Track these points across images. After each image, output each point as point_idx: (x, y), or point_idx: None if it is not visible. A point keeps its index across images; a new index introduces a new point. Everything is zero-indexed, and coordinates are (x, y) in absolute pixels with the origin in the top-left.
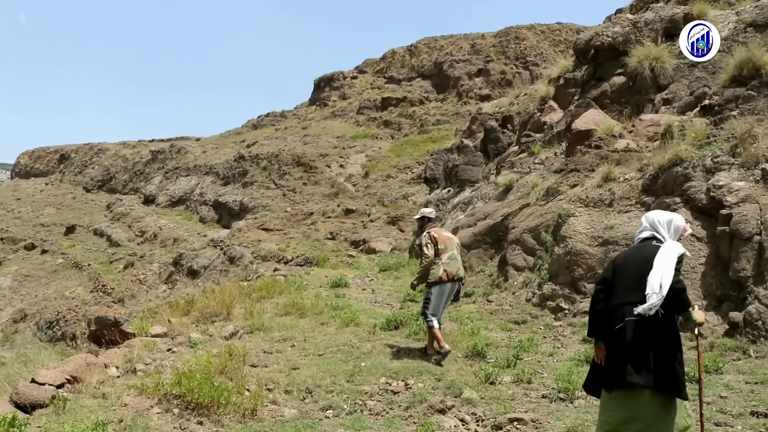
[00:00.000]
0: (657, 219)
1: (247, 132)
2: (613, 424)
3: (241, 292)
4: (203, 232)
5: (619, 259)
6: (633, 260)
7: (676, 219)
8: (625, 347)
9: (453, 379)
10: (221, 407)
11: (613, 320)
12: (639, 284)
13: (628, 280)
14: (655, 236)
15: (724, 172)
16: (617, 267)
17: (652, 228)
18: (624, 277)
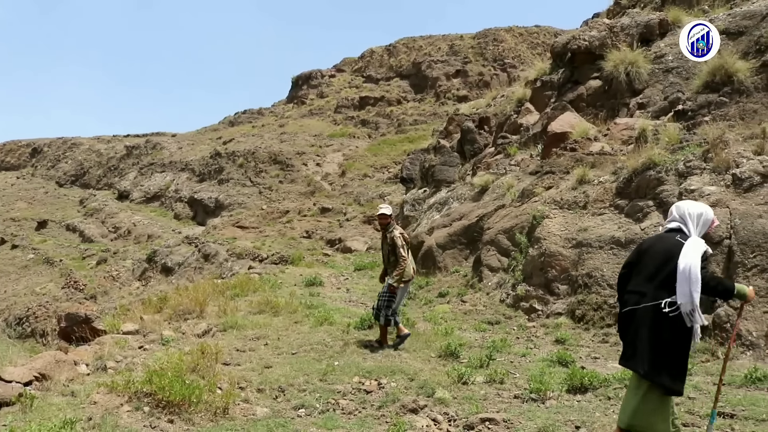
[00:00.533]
0: (688, 211)
1: (224, 129)
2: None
3: (215, 289)
4: (178, 228)
5: (644, 246)
6: (655, 250)
7: (706, 212)
8: (626, 333)
9: (426, 379)
10: (192, 406)
11: (624, 304)
12: (653, 277)
13: (645, 271)
14: (681, 228)
15: (696, 177)
16: (641, 253)
17: (681, 220)
18: (643, 265)
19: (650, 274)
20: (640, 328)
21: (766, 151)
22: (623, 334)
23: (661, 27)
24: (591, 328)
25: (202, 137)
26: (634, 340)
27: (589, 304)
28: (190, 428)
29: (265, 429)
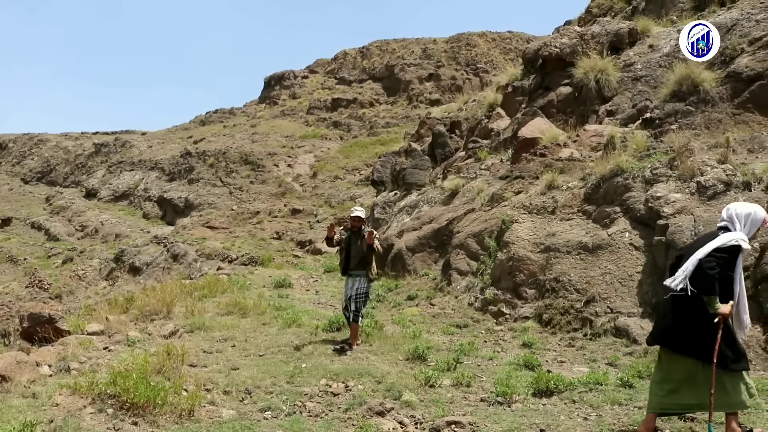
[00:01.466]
0: (736, 212)
1: (195, 128)
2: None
3: (183, 290)
4: (146, 228)
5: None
6: (695, 244)
7: (756, 212)
8: (661, 317)
9: (393, 382)
10: (157, 407)
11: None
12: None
13: (683, 262)
14: (727, 227)
15: (662, 184)
16: (686, 249)
17: (728, 220)
18: (683, 258)
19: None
20: (670, 312)
21: (730, 160)
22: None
23: (631, 36)
24: (558, 332)
25: (173, 136)
26: (667, 323)
27: (557, 309)
28: (154, 430)
29: (230, 431)
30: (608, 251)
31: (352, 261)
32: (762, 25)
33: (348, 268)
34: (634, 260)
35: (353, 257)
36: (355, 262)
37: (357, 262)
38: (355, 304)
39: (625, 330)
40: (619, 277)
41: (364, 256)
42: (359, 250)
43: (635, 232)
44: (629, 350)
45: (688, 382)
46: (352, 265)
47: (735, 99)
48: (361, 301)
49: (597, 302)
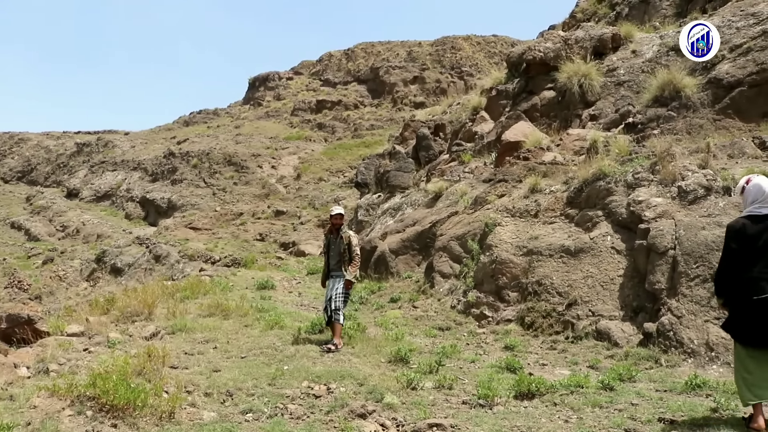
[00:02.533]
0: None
1: (179, 128)
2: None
3: (165, 291)
4: (129, 229)
5: (747, 233)
6: (765, 237)
7: None
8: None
9: (375, 384)
10: (137, 409)
11: (753, 290)
12: None
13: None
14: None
15: (643, 188)
16: (747, 240)
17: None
18: (759, 252)
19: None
20: None
21: (711, 165)
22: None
23: (614, 41)
24: (540, 335)
25: (156, 136)
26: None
27: (539, 312)
28: None
29: None
30: (590, 255)
31: (331, 261)
32: (742, 32)
33: (328, 269)
34: (615, 264)
35: (332, 257)
36: (334, 261)
37: (336, 261)
38: (335, 304)
39: (607, 333)
40: (600, 280)
41: (341, 255)
42: (338, 250)
43: (617, 236)
44: (610, 353)
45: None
46: (332, 265)
47: (716, 105)
48: (340, 300)
49: (579, 305)
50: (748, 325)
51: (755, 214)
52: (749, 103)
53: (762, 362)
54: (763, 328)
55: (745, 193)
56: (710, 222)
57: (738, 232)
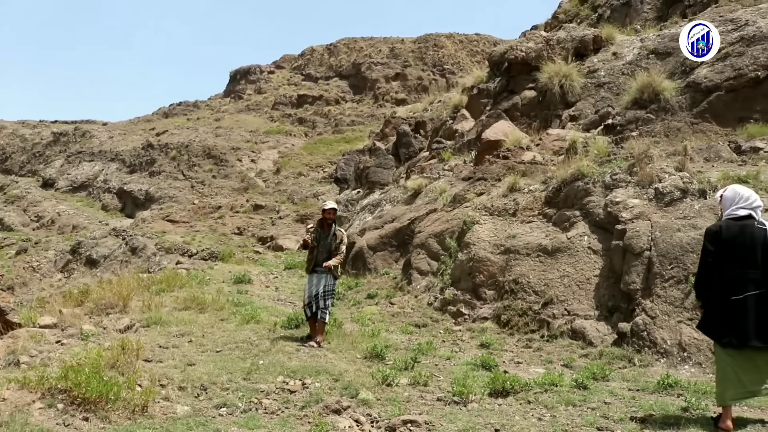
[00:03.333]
0: (757, 204)
1: (158, 120)
2: (737, 371)
3: (140, 284)
4: (105, 220)
5: (724, 235)
6: (743, 239)
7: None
8: (747, 316)
9: (350, 380)
10: (110, 403)
11: (732, 290)
12: (756, 263)
13: (744, 257)
14: (752, 215)
15: (621, 189)
16: (725, 242)
17: (752, 209)
18: (736, 253)
19: (751, 262)
20: (759, 309)
21: (687, 168)
22: (743, 317)
23: (595, 43)
24: (515, 333)
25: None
26: (756, 321)
27: (515, 310)
28: (106, 426)
29: (184, 428)
30: (567, 254)
31: (319, 256)
32: (721, 37)
33: (315, 264)
34: (592, 264)
35: (320, 252)
36: (322, 257)
37: (324, 258)
38: (324, 301)
39: (582, 332)
40: (577, 280)
41: (330, 252)
42: (327, 246)
43: (594, 236)
44: (585, 352)
45: (753, 370)
46: (319, 260)
47: (694, 108)
48: (329, 297)
49: (555, 304)
50: (727, 326)
51: (733, 216)
52: (726, 108)
53: (740, 363)
54: (742, 328)
55: (723, 200)
56: (686, 224)
57: (716, 234)
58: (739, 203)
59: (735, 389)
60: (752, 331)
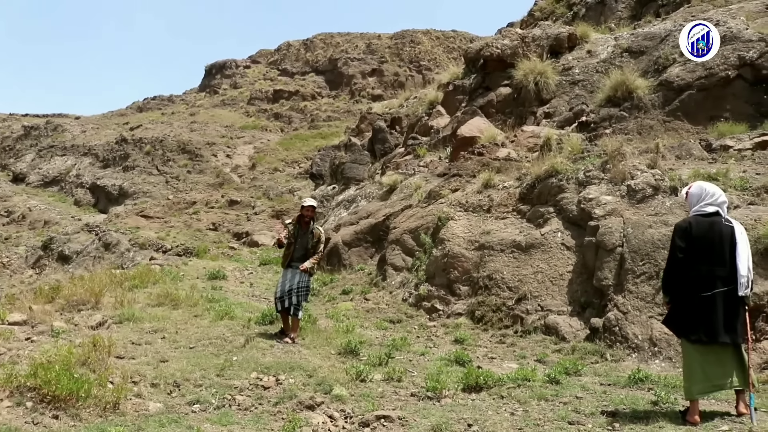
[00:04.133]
0: (723, 201)
1: (132, 114)
2: (704, 366)
3: (113, 280)
4: (78, 215)
5: (693, 231)
6: (711, 235)
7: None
8: (716, 312)
9: (324, 376)
10: (80, 400)
11: (701, 286)
12: (724, 260)
13: (713, 254)
14: (719, 212)
15: (594, 186)
16: (695, 239)
17: (719, 205)
18: (705, 249)
19: (719, 259)
20: (727, 305)
21: (659, 166)
22: (712, 313)
23: (570, 41)
24: (489, 328)
25: (108, 122)
26: (724, 318)
27: (489, 306)
28: (76, 424)
29: (156, 425)
30: (541, 250)
31: (296, 253)
32: None
33: (291, 260)
34: (565, 260)
35: (297, 249)
36: (299, 254)
37: (301, 255)
38: (297, 297)
39: (555, 328)
40: (550, 276)
41: (308, 250)
42: (304, 244)
43: (567, 233)
44: (558, 347)
45: (718, 365)
46: (296, 257)
47: (666, 107)
48: (303, 294)
49: (528, 300)
50: (696, 322)
51: (701, 213)
52: (697, 107)
53: (707, 358)
54: (711, 324)
55: (689, 197)
56: (657, 221)
57: (685, 231)
58: (706, 200)
59: (702, 384)
60: (721, 328)
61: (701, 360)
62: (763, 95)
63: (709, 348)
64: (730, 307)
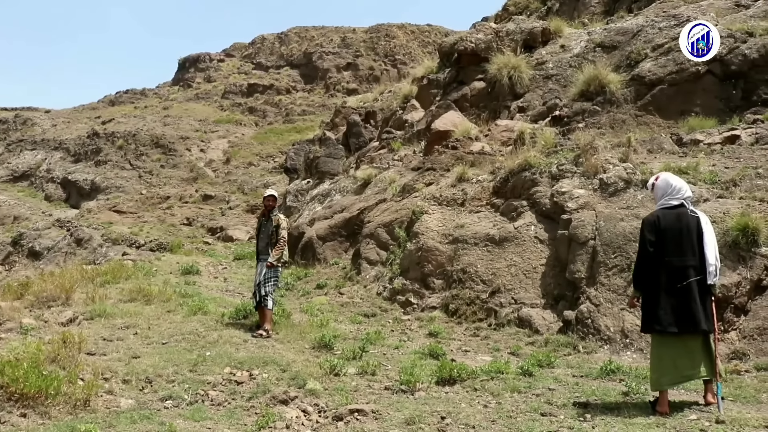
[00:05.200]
0: (688, 195)
1: (104, 108)
2: (673, 357)
3: (84, 276)
4: (49, 211)
5: (661, 224)
6: (679, 226)
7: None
8: (692, 302)
9: (298, 370)
10: (50, 398)
11: (675, 278)
12: (693, 250)
13: (683, 245)
14: (683, 204)
15: (567, 180)
16: (663, 231)
17: (685, 198)
18: (675, 241)
19: (690, 249)
20: (700, 294)
21: (631, 159)
22: (688, 303)
23: (544, 35)
24: (463, 321)
25: (80, 115)
26: (700, 307)
27: (463, 299)
28: (45, 422)
29: (128, 421)
30: (514, 244)
31: (260, 243)
32: (664, 32)
33: (257, 252)
34: (538, 253)
35: (261, 239)
36: (262, 244)
37: (264, 244)
38: (264, 289)
39: (528, 320)
40: (523, 269)
41: (270, 237)
42: (267, 233)
43: (540, 226)
44: (531, 340)
45: (687, 356)
46: (260, 248)
47: (638, 101)
48: (269, 285)
49: (502, 293)
50: (671, 313)
51: (667, 206)
52: (669, 101)
53: (677, 349)
54: (689, 313)
55: (655, 189)
56: (629, 214)
57: (654, 224)
58: (672, 194)
59: (671, 375)
60: (700, 316)
61: (671, 352)
62: (732, 90)
63: (680, 339)
64: (703, 297)
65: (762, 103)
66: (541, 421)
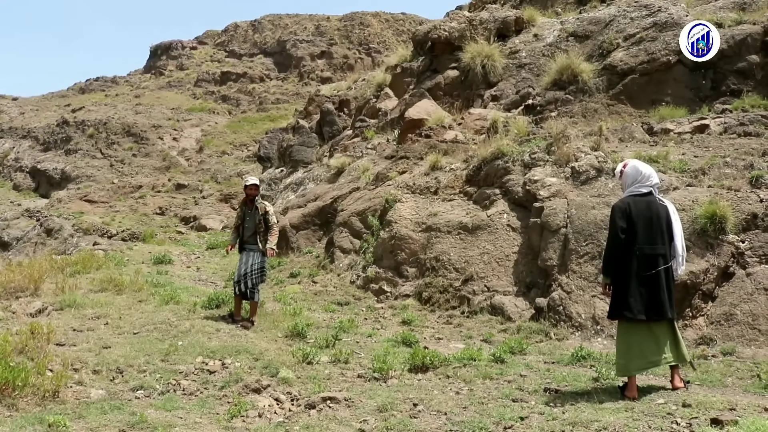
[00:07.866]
0: (656, 182)
1: (74, 96)
2: (641, 343)
3: (53, 266)
4: (17, 200)
5: (632, 212)
6: (649, 214)
7: None
8: (660, 290)
9: (271, 359)
10: (17, 390)
11: (645, 265)
12: (663, 238)
13: (652, 233)
14: (651, 192)
15: (539, 168)
16: (635, 218)
17: (653, 186)
18: (645, 228)
19: (659, 237)
20: (667, 282)
21: (603, 148)
22: (656, 290)
23: (517, 24)
24: (437, 309)
25: (49, 103)
26: (668, 294)
27: (436, 287)
28: (13, 414)
29: (98, 412)
30: (487, 232)
31: (246, 232)
32: (636, 22)
33: (242, 241)
34: (511, 241)
35: (247, 228)
36: (248, 234)
37: (251, 234)
38: (252, 281)
39: (501, 308)
40: (496, 257)
41: (257, 226)
42: (253, 222)
43: (513, 214)
44: (503, 327)
45: (654, 342)
46: (246, 237)
47: (610, 90)
48: (257, 276)
49: (475, 281)
50: (640, 300)
51: (637, 193)
52: (640, 90)
53: (643, 336)
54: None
55: (624, 176)
56: (600, 202)
57: (624, 212)
58: (642, 181)
59: (638, 360)
60: (667, 304)
61: (639, 338)
62: (701, 80)
63: (646, 325)
64: (668, 285)
65: (731, 93)
66: (513, 407)
